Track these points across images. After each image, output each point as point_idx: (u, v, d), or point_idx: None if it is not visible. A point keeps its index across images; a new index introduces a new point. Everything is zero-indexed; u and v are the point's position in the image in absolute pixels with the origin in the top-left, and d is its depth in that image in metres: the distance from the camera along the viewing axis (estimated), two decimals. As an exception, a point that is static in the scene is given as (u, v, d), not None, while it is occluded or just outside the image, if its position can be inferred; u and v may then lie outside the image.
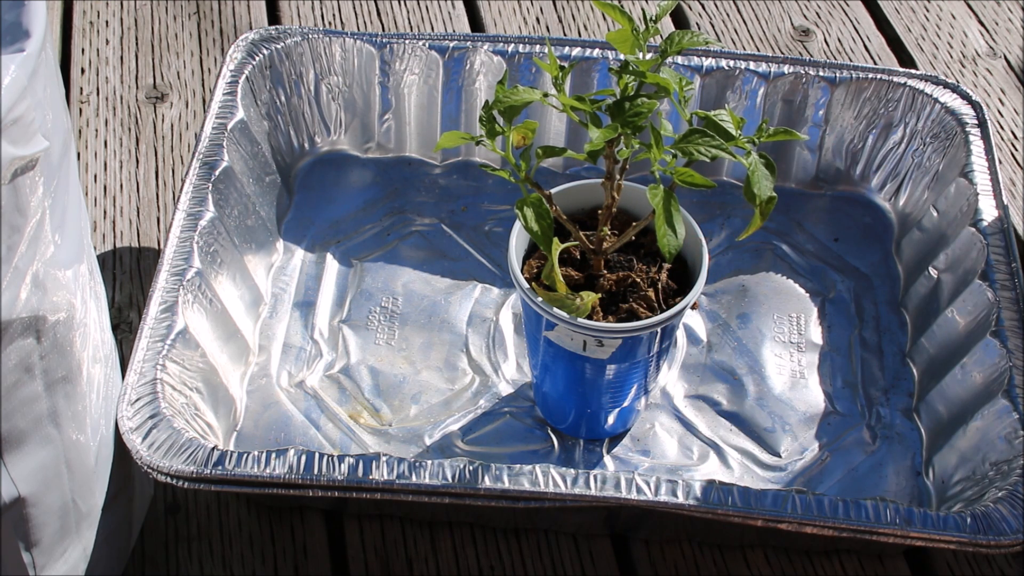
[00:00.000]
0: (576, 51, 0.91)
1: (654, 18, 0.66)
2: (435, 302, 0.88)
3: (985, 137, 0.86)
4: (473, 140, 0.67)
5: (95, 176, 0.97)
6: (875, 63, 1.08)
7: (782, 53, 1.09)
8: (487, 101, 0.66)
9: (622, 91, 0.66)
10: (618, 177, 0.69)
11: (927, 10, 1.14)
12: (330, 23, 1.10)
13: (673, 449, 0.80)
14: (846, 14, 1.13)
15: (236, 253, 0.84)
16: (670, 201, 0.64)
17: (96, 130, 1.01)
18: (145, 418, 0.70)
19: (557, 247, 0.67)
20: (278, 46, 0.90)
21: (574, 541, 0.77)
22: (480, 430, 0.81)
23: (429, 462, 0.68)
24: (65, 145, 0.58)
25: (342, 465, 0.68)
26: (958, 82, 0.99)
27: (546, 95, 0.66)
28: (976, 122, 0.87)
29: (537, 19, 1.11)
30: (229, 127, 0.85)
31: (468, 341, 0.85)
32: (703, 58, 0.91)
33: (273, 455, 0.68)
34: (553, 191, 0.73)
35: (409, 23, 1.10)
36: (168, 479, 0.68)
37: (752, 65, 0.90)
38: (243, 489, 0.68)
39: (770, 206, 0.64)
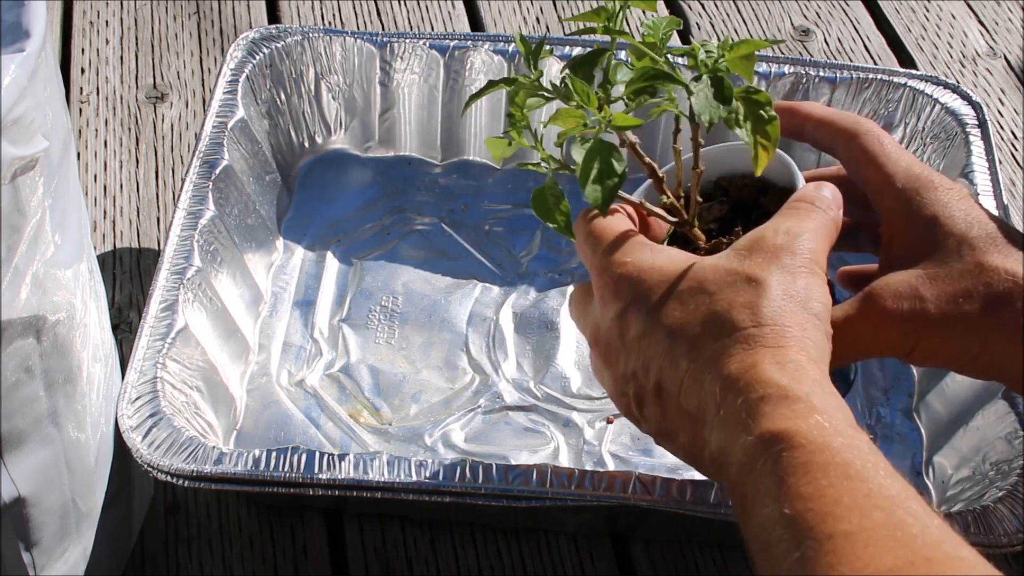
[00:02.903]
0: (576, 51, 0.91)
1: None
2: (435, 301, 0.88)
3: (985, 137, 0.86)
4: (520, 142, 0.62)
5: (95, 176, 0.97)
6: (875, 63, 1.08)
7: (782, 53, 1.09)
8: (513, 92, 0.62)
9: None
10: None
11: (927, 10, 1.14)
12: (330, 23, 1.10)
13: (673, 449, 0.80)
14: (846, 14, 1.13)
15: (236, 252, 0.84)
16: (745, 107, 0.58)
17: (96, 130, 1.01)
18: (145, 417, 0.70)
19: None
20: (278, 45, 0.90)
21: (574, 541, 0.77)
22: (480, 429, 0.81)
23: (429, 461, 0.68)
24: (65, 145, 0.58)
25: (342, 464, 0.68)
26: (958, 82, 0.99)
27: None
28: (976, 122, 0.87)
29: (537, 19, 1.11)
30: (229, 126, 0.85)
31: (468, 340, 0.85)
32: (703, 58, 0.91)
33: (273, 454, 0.68)
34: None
35: (409, 23, 1.10)
36: (168, 478, 0.68)
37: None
38: (243, 488, 0.68)
39: (771, 129, 0.59)
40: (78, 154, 0.98)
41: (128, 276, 0.91)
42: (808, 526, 0.44)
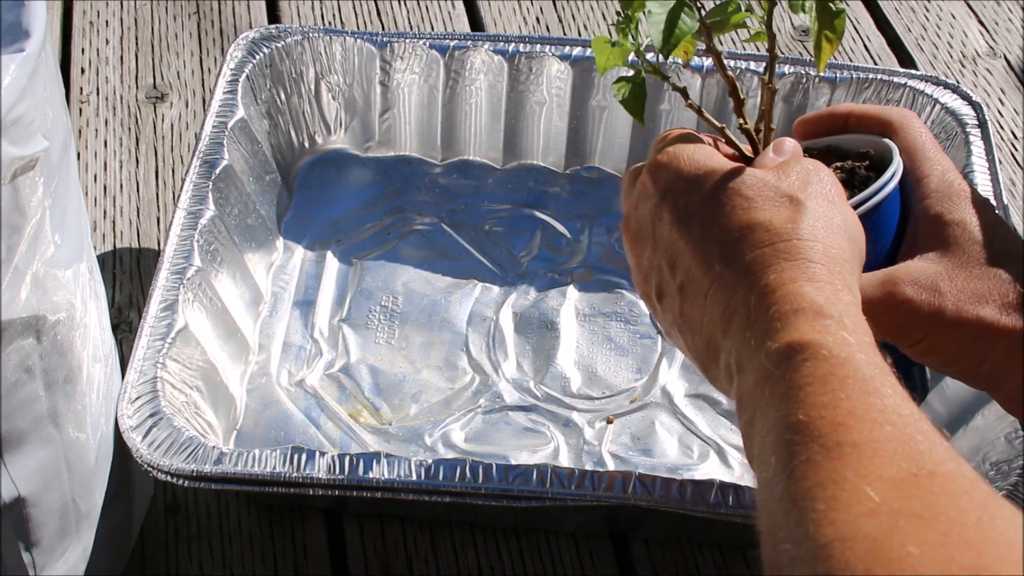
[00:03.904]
0: (576, 51, 0.91)
1: None
2: (435, 301, 0.88)
3: (985, 138, 0.86)
4: (631, 49, 0.61)
5: (95, 176, 0.97)
6: (875, 63, 1.08)
7: (782, 53, 1.09)
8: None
9: None
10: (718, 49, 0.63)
11: (927, 10, 1.14)
12: (330, 23, 1.10)
13: (673, 448, 0.80)
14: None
15: (236, 252, 0.84)
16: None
17: (96, 130, 1.01)
18: (145, 416, 0.70)
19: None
20: (278, 45, 0.90)
21: (574, 541, 0.77)
22: (480, 429, 0.81)
23: (429, 461, 0.68)
24: (65, 145, 0.58)
25: (342, 464, 0.68)
26: (958, 82, 0.99)
27: None
28: (976, 122, 0.87)
29: (537, 19, 1.11)
30: (229, 126, 0.85)
31: (468, 340, 0.85)
32: (703, 58, 0.91)
33: (273, 454, 0.68)
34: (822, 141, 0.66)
35: (409, 23, 1.10)
36: (168, 477, 0.68)
37: (752, 65, 0.90)
38: (243, 487, 0.68)
39: (838, 23, 0.59)
40: (78, 154, 0.98)
41: (128, 276, 0.91)
42: (819, 433, 0.45)
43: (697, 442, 0.80)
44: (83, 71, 1.06)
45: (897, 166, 0.62)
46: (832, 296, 0.52)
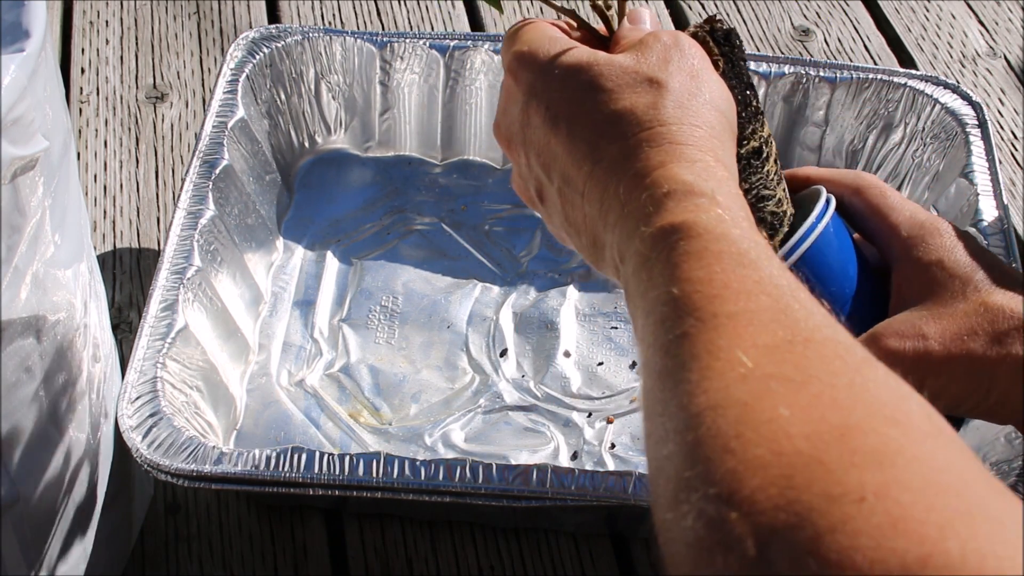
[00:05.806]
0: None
1: None
2: (435, 301, 0.88)
3: (985, 138, 0.86)
4: None
5: (95, 176, 0.97)
6: (875, 63, 1.08)
7: (782, 53, 1.09)
8: None
9: None
10: None
11: (927, 10, 1.14)
12: (330, 23, 1.10)
13: (673, 449, 0.80)
14: (846, 14, 1.13)
15: (236, 251, 0.84)
16: None
17: (96, 130, 1.01)
18: (145, 416, 0.70)
19: None
20: (278, 45, 0.90)
21: (574, 541, 0.77)
22: (480, 429, 0.81)
23: (429, 461, 0.68)
24: (65, 145, 0.58)
25: (342, 464, 0.68)
26: (958, 82, 0.99)
27: None
28: (976, 122, 0.87)
29: (537, 18, 1.11)
30: (229, 125, 0.85)
31: (468, 340, 0.85)
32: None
33: (273, 454, 0.68)
34: None
35: (409, 23, 1.10)
36: (168, 477, 0.68)
37: (752, 65, 0.90)
38: (243, 487, 0.68)
39: None
40: (78, 154, 0.98)
41: (128, 276, 0.91)
42: (695, 306, 0.44)
43: (697, 442, 0.80)
44: (83, 71, 1.06)
45: (823, 205, 0.61)
46: (703, 173, 0.51)
